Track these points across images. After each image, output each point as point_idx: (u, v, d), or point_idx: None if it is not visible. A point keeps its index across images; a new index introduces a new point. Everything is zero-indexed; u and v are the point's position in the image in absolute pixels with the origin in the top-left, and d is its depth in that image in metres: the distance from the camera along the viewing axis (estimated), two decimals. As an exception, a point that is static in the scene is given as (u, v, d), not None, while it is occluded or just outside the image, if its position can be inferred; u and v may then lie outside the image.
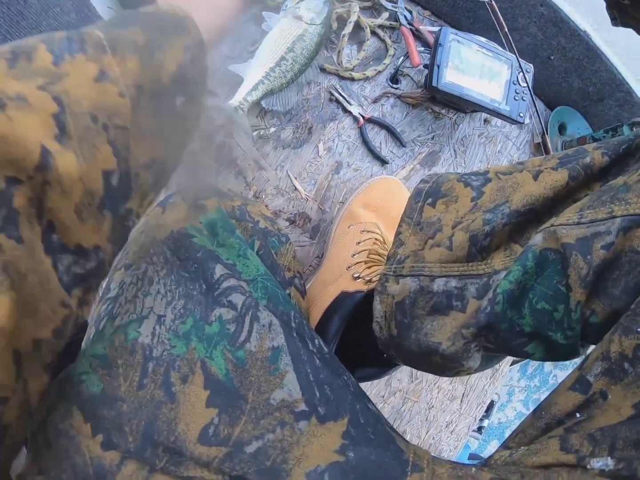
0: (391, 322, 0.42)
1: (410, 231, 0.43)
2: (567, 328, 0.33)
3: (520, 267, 0.34)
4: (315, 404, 0.31)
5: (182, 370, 0.31)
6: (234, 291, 0.34)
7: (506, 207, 0.37)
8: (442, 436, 0.76)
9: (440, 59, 0.68)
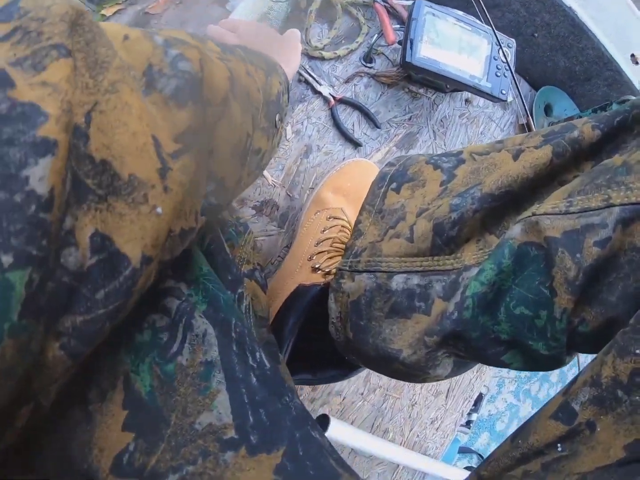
0: (347, 324, 0.37)
1: (371, 220, 0.38)
2: (551, 338, 0.28)
3: (494, 266, 0.29)
4: (247, 431, 0.27)
5: (102, 385, 0.27)
6: (169, 294, 0.30)
7: (477, 190, 0.31)
8: (427, 433, 0.72)
9: (414, 33, 0.63)
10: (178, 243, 0.22)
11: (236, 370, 0.29)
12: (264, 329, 0.38)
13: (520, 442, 0.26)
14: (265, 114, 0.33)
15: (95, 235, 0.17)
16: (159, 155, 0.19)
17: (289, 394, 0.30)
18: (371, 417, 0.68)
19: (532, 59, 0.87)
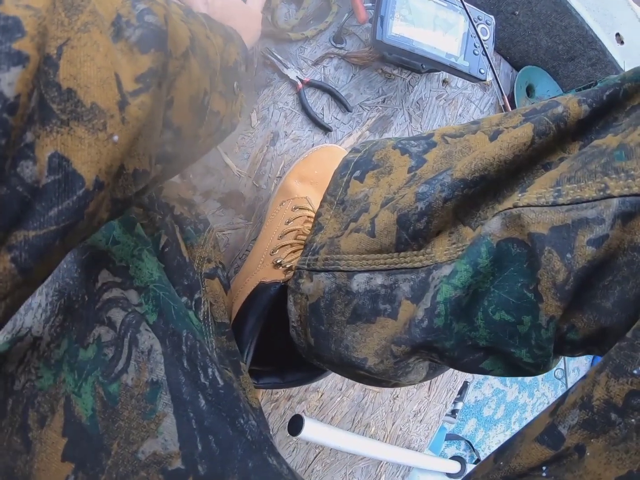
0: (307, 329, 0.34)
1: (332, 212, 0.34)
2: (535, 346, 0.25)
3: (469, 266, 0.25)
4: (194, 461, 0.24)
5: (42, 409, 0.25)
6: (115, 305, 0.28)
7: (447, 176, 0.27)
8: (411, 426, 0.70)
9: (385, 9, 0.59)
10: (131, 183, 0.22)
11: (184, 391, 0.26)
12: (224, 336, 0.35)
13: (502, 464, 0.24)
14: (222, 78, 0.33)
15: (54, 156, 0.18)
16: (120, 90, 0.20)
17: (244, 415, 0.28)
18: (351, 412, 0.65)
19: (512, 38, 0.84)
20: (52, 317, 0.28)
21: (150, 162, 0.24)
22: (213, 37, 0.32)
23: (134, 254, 0.31)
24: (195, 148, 0.32)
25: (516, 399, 1.07)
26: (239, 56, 0.38)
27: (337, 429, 0.59)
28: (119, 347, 0.27)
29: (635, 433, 0.19)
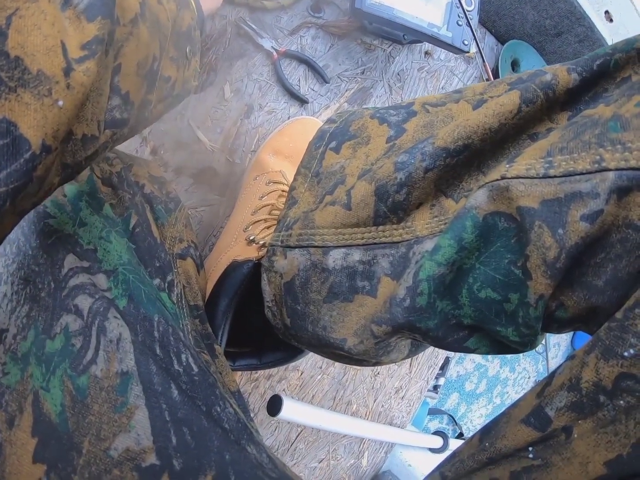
0: (282, 309, 0.32)
1: (306, 185, 0.32)
2: (522, 325, 0.23)
3: (454, 242, 0.23)
4: (169, 455, 0.23)
5: (10, 408, 0.23)
6: (81, 292, 0.26)
7: (428, 144, 0.25)
8: (392, 403, 0.69)
9: (363, -25, 0.55)
10: (80, 148, 0.22)
11: (155, 381, 0.24)
12: (197, 319, 0.33)
13: (487, 445, 0.23)
14: (174, 43, 0.32)
15: (3, 121, 0.18)
16: (65, 57, 0.20)
17: (220, 402, 0.26)
18: (332, 390, 0.64)
19: (498, 11, 0.80)
20: (18, 307, 0.26)
21: (98, 127, 0.23)
22: (166, 3, 0.31)
23: (102, 235, 0.29)
24: (146, 113, 0.30)
25: (498, 374, 1.07)
26: (194, 21, 0.36)
27: (317, 408, 0.57)
28: (87, 336, 0.25)
29: (625, 415, 0.18)
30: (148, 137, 0.52)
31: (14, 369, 0.24)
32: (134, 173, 0.37)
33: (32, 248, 0.27)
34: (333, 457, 0.67)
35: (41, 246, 0.27)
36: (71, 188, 0.30)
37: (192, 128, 0.52)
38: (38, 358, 0.24)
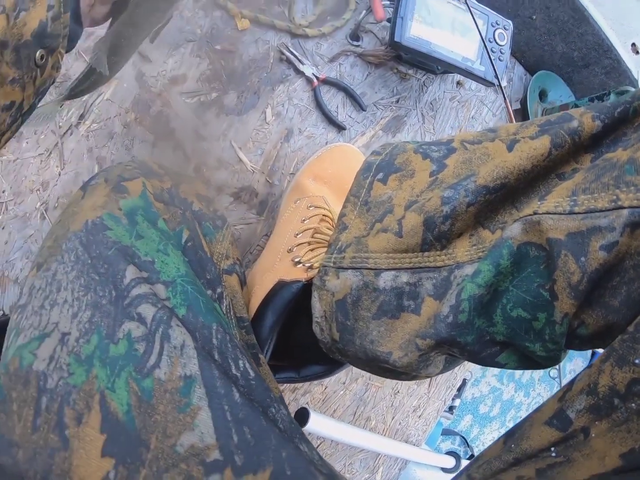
0: (332, 324, 0.34)
1: (356, 213, 0.35)
2: (549, 341, 0.26)
3: (492, 267, 0.26)
4: (231, 452, 0.25)
5: (78, 406, 0.25)
6: (145, 301, 0.28)
7: (471, 182, 0.29)
8: (409, 421, 0.71)
9: (404, 10, 0.58)
10: None
11: (217, 385, 0.26)
12: (243, 330, 0.35)
13: (513, 447, 0.25)
14: (13, 63, 0.28)
15: None
16: None
17: (275, 405, 0.28)
18: (353, 405, 0.66)
19: (528, 42, 0.83)
20: (80, 312, 0.27)
21: None
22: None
23: (159, 248, 0.31)
24: None
25: (512, 398, 1.08)
26: (51, 12, 0.30)
27: (340, 422, 0.59)
28: (150, 342, 0.27)
29: (636, 416, 0.21)
30: (191, 155, 0.56)
31: (79, 369, 0.26)
32: (182, 190, 0.40)
33: (91, 257, 0.29)
34: (348, 471, 0.69)
35: (101, 256, 0.29)
36: (126, 202, 0.32)
37: (234, 148, 0.55)
38: (102, 361, 0.26)
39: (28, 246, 0.56)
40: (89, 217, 0.31)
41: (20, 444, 0.25)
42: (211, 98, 0.56)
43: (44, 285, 0.29)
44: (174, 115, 0.56)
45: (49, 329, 0.27)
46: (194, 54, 0.57)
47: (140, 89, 0.56)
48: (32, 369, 0.26)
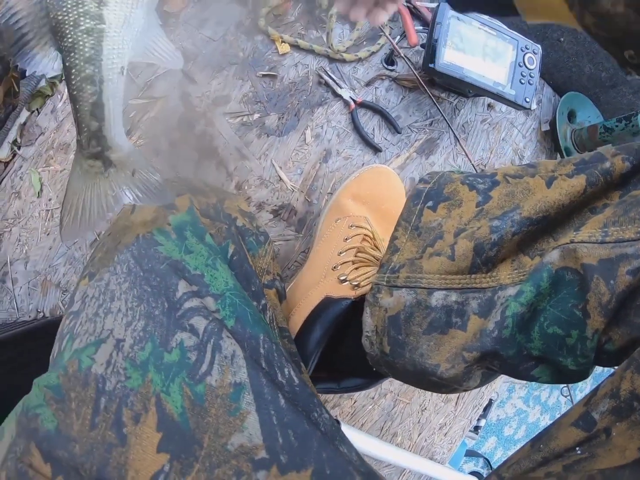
0: (383, 338, 0.38)
1: (407, 236, 0.39)
2: (580, 355, 0.30)
3: (534, 288, 0.31)
4: (277, 452, 0.28)
5: (135, 407, 0.28)
6: (197, 314, 0.31)
7: (516, 214, 0.33)
8: (435, 439, 0.73)
9: (438, 38, 0.62)
10: None
11: (265, 391, 0.29)
12: (285, 339, 0.39)
13: (541, 447, 0.29)
14: None
15: None
16: None
17: (317, 409, 0.31)
18: (381, 420, 0.69)
19: (556, 64, 0.86)
20: (134, 321, 0.30)
21: None
22: None
23: (208, 263, 0.34)
24: None
25: (538, 421, 1.09)
26: None
27: (368, 436, 0.62)
28: (201, 352, 0.29)
29: None
30: (233, 173, 0.60)
31: (135, 374, 0.29)
32: (226, 206, 0.43)
33: (143, 270, 0.32)
34: (373, 488, 0.71)
35: (153, 270, 0.32)
36: (175, 218, 0.35)
37: (275, 168, 0.60)
38: (157, 367, 0.29)
39: (72, 252, 0.61)
40: (140, 231, 0.34)
41: (77, 440, 0.27)
42: (253, 119, 0.61)
43: (97, 294, 0.32)
44: (218, 135, 0.61)
45: (104, 335, 0.30)
46: (237, 76, 0.63)
47: (185, 108, 0.62)
48: (91, 372, 0.29)
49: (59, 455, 0.27)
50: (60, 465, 0.27)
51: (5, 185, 0.61)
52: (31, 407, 0.28)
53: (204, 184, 0.44)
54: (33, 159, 0.61)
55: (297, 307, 0.45)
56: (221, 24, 0.64)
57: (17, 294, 0.61)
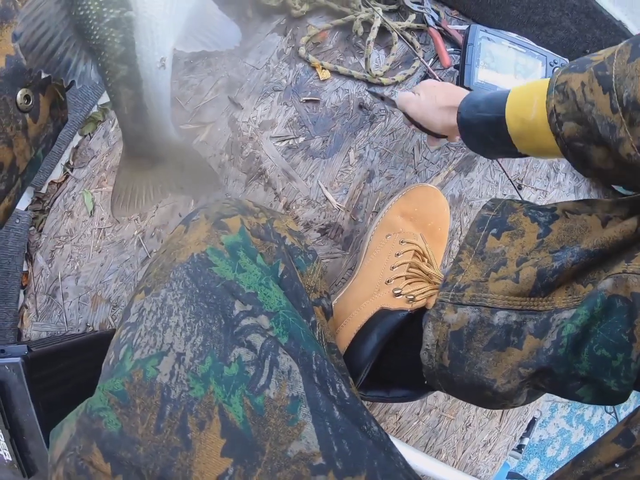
0: (444, 352, 0.42)
1: (471, 259, 0.44)
2: (623, 377, 0.34)
3: (588, 312, 0.35)
4: (333, 459, 0.31)
5: (200, 415, 0.31)
6: (253, 331, 0.34)
7: (576, 246, 0.38)
8: (479, 456, 0.76)
9: (470, 58, 0.68)
10: None
11: (320, 404, 0.33)
12: (334, 354, 0.43)
13: (583, 462, 0.33)
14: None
15: None
16: None
17: (367, 422, 0.35)
18: (425, 437, 0.72)
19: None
20: (193, 336, 0.33)
21: None
22: None
23: (262, 282, 0.37)
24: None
25: (581, 441, 1.10)
26: (16, 53, 0.28)
27: (414, 450, 0.66)
28: (259, 366, 0.33)
29: None
30: (281, 194, 0.66)
31: (197, 385, 0.32)
32: (275, 226, 0.47)
33: (199, 288, 0.35)
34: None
35: (209, 288, 0.34)
36: (227, 238, 0.38)
37: (321, 188, 0.65)
38: (217, 379, 0.32)
39: (123, 270, 0.67)
40: (194, 250, 0.36)
41: (141, 442, 0.30)
42: (298, 142, 0.67)
43: (154, 308, 0.35)
44: (265, 157, 0.67)
45: (165, 349, 0.33)
46: (282, 102, 0.69)
47: (233, 132, 0.68)
48: (156, 381, 0.32)
49: (121, 456, 0.30)
50: (120, 465, 0.30)
51: (58, 205, 0.68)
52: (94, 409, 0.31)
53: (253, 205, 0.47)
54: (85, 180, 0.68)
55: (349, 318, 0.50)
56: (264, 52, 0.71)
57: (66, 308, 0.66)
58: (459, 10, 0.83)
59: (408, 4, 0.77)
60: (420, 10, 0.78)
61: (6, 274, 0.67)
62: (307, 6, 0.73)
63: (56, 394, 0.48)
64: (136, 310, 0.36)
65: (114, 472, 0.29)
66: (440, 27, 0.79)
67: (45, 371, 0.48)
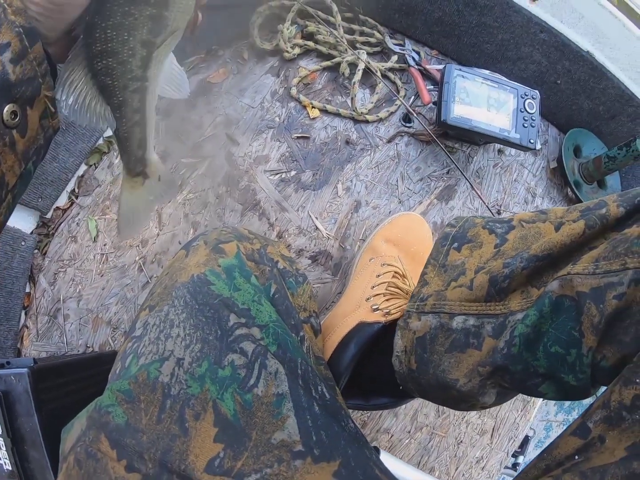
0: (411, 357, 0.51)
1: (435, 272, 0.52)
2: (579, 371, 0.38)
3: (537, 312, 0.40)
4: (311, 446, 0.38)
5: (196, 408, 0.37)
6: (246, 339, 0.41)
7: (525, 253, 0.43)
8: (473, 473, 0.83)
9: (447, 95, 0.80)
10: None
11: (302, 401, 0.40)
12: (321, 366, 0.51)
13: (545, 455, 0.37)
14: None
15: None
16: None
17: (345, 419, 0.43)
18: (418, 455, 0.80)
19: (557, 104, 0.99)
20: (192, 344, 0.39)
21: None
22: None
23: (255, 299, 0.43)
24: None
25: (578, 461, 1.17)
26: (10, 54, 0.29)
27: (407, 465, 0.73)
28: (250, 369, 0.39)
29: (639, 422, 0.32)
30: (275, 223, 0.76)
31: (194, 384, 0.38)
32: (269, 251, 0.55)
33: (198, 304, 0.41)
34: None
35: (207, 303, 0.41)
36: (224, 261, 0.44)
37: (312, 218, 0.75)
38: (212, 380, 0.38)
39: (124, 293, 0.76)
40: (194, 272, 0.43)
41: (145, 431, 0.36)
42: (290, 175, 0.77)
43: (157, 322, 0.41)
44: (259, 189, 0.77)
45: (166, 355, 0.39)
46: (275, 138, 0.80)
47: (229, 166, 0.78)
48: (158, 381, 0.38)
49: (126, 443, 0.35)
50: (124, 451, 0.35)
51: (62, 230, 0.76)
52: (103, 406, 0.37)
53: (249, 232, 0.53)
54: (90, 207, 0.77)
55: (334, 331, 0.59)
56: (259, 92, 0.82)
57: (67, 329, 0.74)
58: (438, 50, 0.95)
59: (390, 47, 0.89)
60: (402, 52, 0.90)
61: (9, 293, 0.73)
62: (298, 49, 0.85)
63: (58, 406, 0.54)
64: (141, 325, 0.42)
65: (119, 456, 0.35)
66: (420, 66, 0.91)
67: (49, 383, 0.53)
